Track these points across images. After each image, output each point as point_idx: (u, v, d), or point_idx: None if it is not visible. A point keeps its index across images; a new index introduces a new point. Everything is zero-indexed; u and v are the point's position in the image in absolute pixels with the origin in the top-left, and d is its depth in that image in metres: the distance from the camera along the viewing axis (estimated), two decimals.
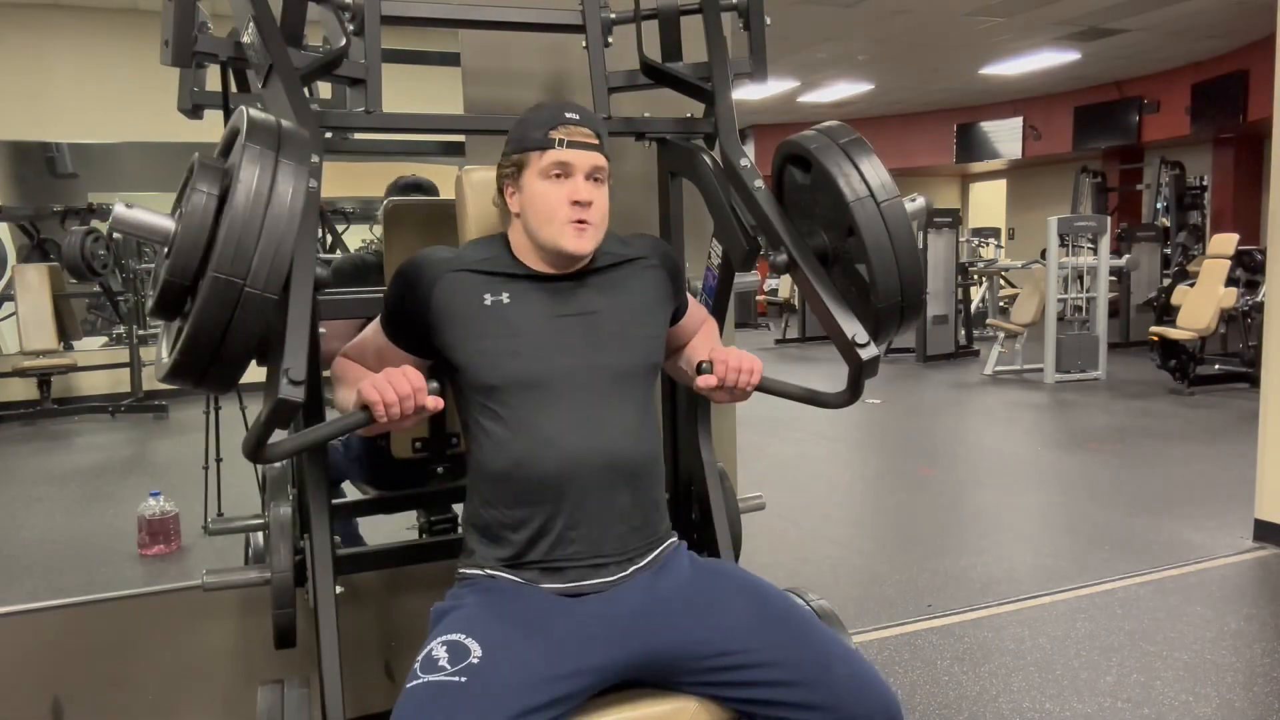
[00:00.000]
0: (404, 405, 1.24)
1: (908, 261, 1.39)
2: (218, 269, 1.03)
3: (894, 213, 1.38)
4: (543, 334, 1.40)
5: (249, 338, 1.07)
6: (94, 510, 4.63)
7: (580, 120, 1.42)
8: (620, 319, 1.45)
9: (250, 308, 1.05)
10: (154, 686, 2.16)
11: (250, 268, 1.04)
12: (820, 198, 1.45)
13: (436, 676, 1.22)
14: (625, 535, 1.39)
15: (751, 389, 1.43)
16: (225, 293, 1.04)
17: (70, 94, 7.25)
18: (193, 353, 1.06)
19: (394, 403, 1.24)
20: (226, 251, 1.03)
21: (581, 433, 1.37)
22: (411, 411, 1.25)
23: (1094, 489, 4.69)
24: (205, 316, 1.04)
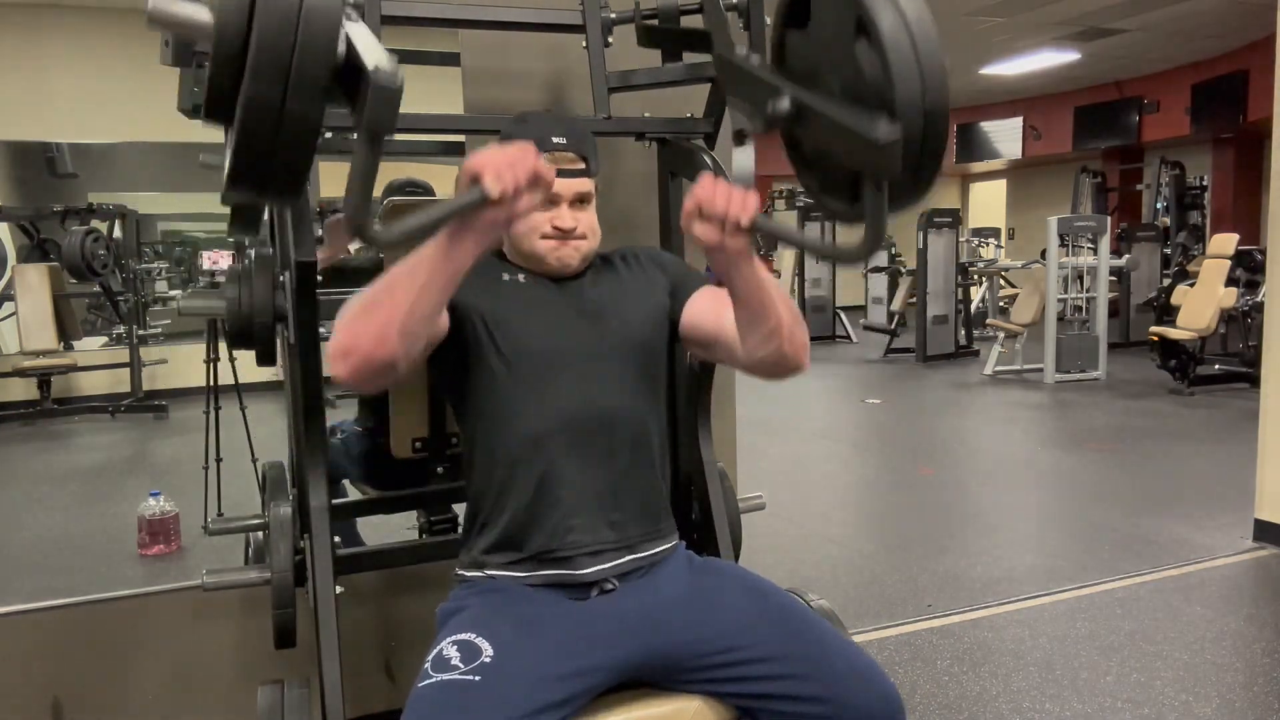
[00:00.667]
0: (517, 172, 1.08)
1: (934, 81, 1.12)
2: (258, 45, 0.91)
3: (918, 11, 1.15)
4: (550, 319, 1.42)
5: (307, 121, 0.94)
6: (94, 510, 4.63)
7: (567, 144, 1.40)
8: (619, 311, 1.46)
9: (302, 86, 0.92)
10: (154, 686, 2.16)
11: (295, 39, 0.91)
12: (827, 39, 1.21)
13: (450, 675, 1.22)
14: (622, 523, 1.39)
15: (745, 222, 1.16)
16: (272, 70, 0.91)
17: (70, 94, 7.25)
18: (248, 148, 0.94)
19: (507, 168, 1.08)
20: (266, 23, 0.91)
21: (582, 417, 1.38)
22: (525, 181, 1.09)
23: (1094, 489, 4.69)
24: (254, 100, 0.92)
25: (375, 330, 1.16)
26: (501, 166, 1.08)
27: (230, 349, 3.27)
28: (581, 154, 1.43)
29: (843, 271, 11.92)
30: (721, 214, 1.15)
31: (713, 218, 1.16)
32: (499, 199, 1.08)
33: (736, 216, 1.15)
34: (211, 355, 3.94)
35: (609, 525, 1.38)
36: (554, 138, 1.40)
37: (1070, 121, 12.34)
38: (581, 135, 1.45)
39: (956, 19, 8.36)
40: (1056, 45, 9.60)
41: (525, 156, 1.10)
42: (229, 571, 1.67)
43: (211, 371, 3.93)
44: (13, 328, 7.00)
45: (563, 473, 1.37)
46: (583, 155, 1.43)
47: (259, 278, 1.57)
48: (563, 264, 1.44)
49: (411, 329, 1.18)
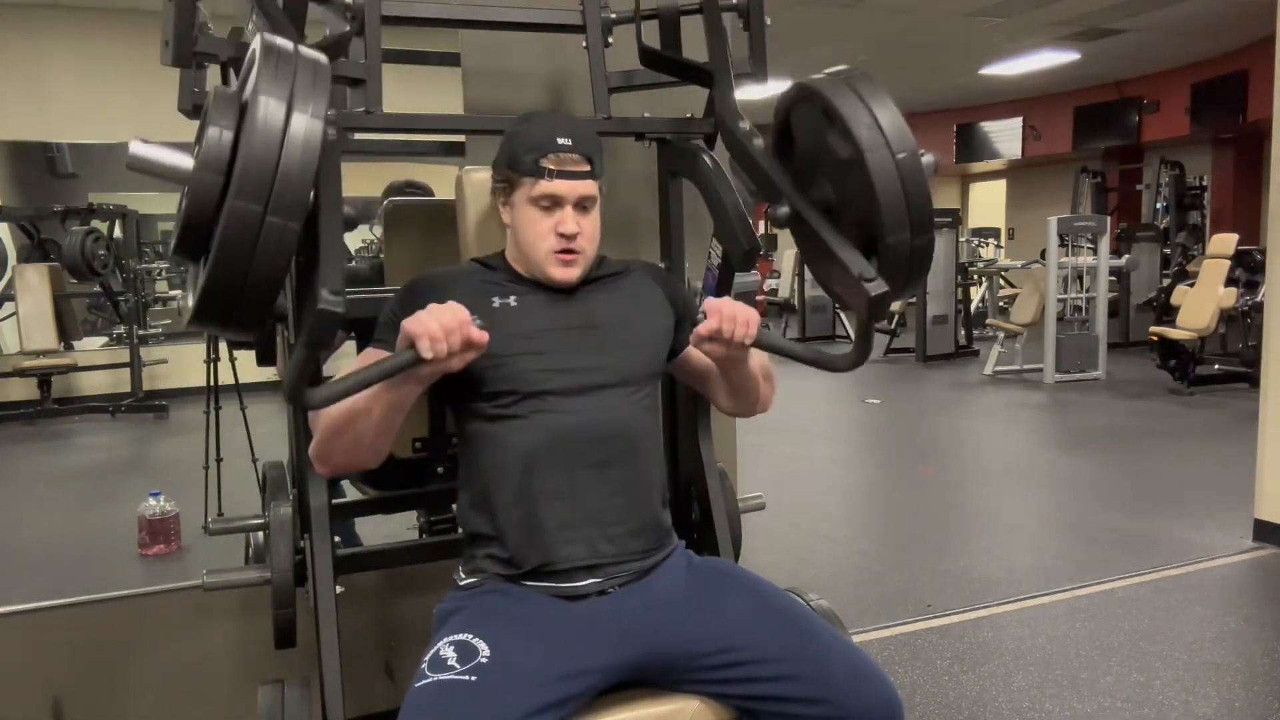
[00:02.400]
0: (450, 340, 1.18)
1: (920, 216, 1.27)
2: (237, 197, 0.96)
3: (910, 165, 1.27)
4: (547, 338, 1.41)
5: (275, 270, 1.00)
6: (94, 510, 4.63)
7: (572, 146, 1.40)
8: (618, 327, 1.46)
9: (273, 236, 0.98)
10: (154, 686, 2.16)
11: (270, 194, 0.97)
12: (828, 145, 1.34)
13: (446, 675, 1.22)
14: (621, 538, 1.38)
15: (749, 342, 1.34)
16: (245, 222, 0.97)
17: (70, 94, 7.25)
18: (216, 289, 1.00)
19: (440, 337, 1.17)
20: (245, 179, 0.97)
21: (580, 434, 1.38)
22: (459, 347, 1.19)
23: (1094, 489, 4.69)
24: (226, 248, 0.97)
25: (344, 450, 1.33)
26: (436, 334, 1.17)
27: (230, 349, 3.28)
28: (586, 156, 1.42)
29: None
30: (728, 339, 1.33)
31: (721, 341, 1.33)
32: (432, 361, 1.18)
33: (742, 338, 1.33)
34: (211, 355, 3.94)
35: (607, 540, 1.37)
36: (559, 138, 1.39)
37: (1070, 121, 12.33)
38: (587, 137, 1.44)
39: (956, 19, 8.36)
40: (1056, 45, 9.60)
41: (459, 326, 1.19)
42: (229, 571, 1.67)
43: (211, 371, 3.93)
44: (13, 328, 7.00)
45: (559, 488, 1.36)
46: (587, 157, 1.42)
47: None
48: (564, 280, 1.44)
49: (376, 445, 1.33)
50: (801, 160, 1.44)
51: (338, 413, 1.28)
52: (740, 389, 1.51)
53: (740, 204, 1.56)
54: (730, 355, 1.36)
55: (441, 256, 1.84)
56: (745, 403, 1.55)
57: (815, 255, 1.38)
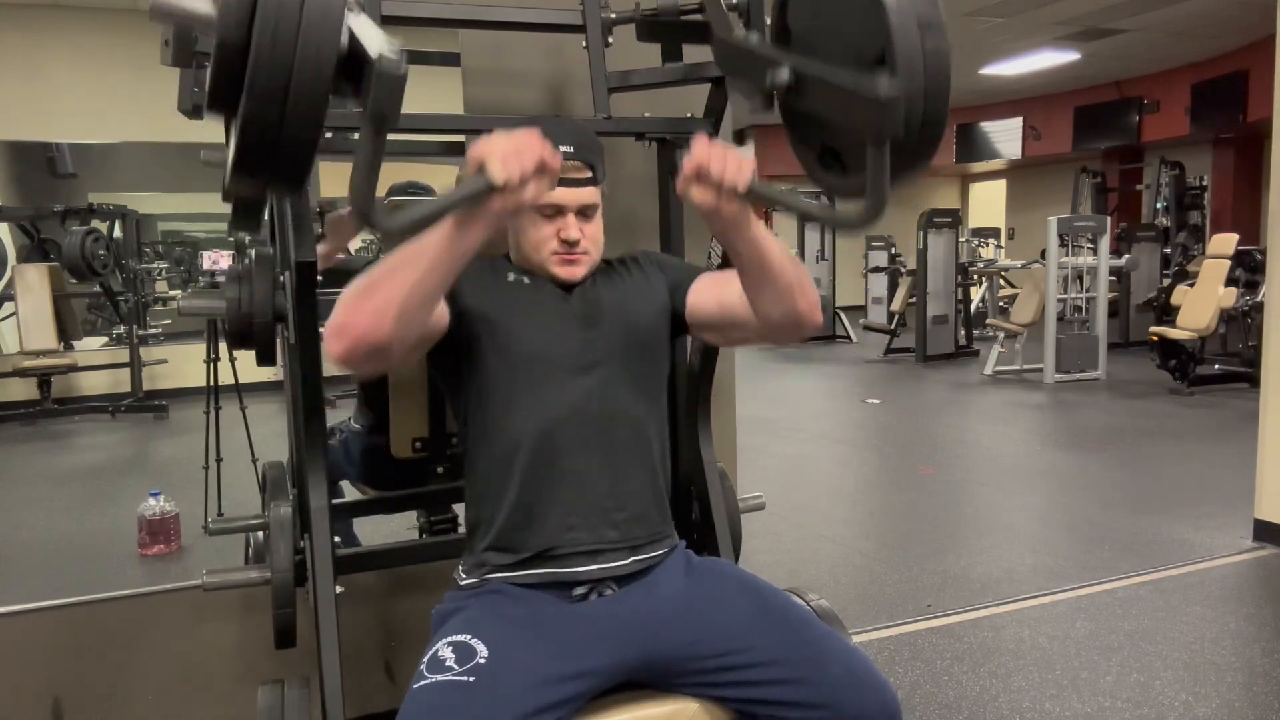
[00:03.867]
0: (524, 160, 1.07)
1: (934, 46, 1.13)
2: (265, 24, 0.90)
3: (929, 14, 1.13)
4: (552, 321, 1.42)
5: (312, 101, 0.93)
6: (94, 510, 4.63)
7: (574, 153, 1.39)
8: (620, 314, 1.46)
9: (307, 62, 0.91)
10: (154, 686, 2.16)
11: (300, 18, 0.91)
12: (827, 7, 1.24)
13: (444, 676, 1.22)
14: (625, 523, 1.38)
15: (741, 187, 1.15)
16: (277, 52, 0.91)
17: (70, 94, 7.25)
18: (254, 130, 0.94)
19: (513, 156, 1.06)
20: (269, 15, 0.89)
21: (584, 417, 1.38)
22: (531, 168, 1.08)
23: (1094, 489, 4.69)
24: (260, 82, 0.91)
25: (373, 310, 1.16)
26: (507, 154, 1.07)
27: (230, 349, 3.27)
28: (589, 163, 1.41)
29: (843, 272, 11.93)
30: (718, 178, 1.14)
31: (709, 182, 1.14)
32: (504, 186, 1.07)
33: (733, 181, 1.14)
34: (211, 355, 3.94)
35: (611, 525, 1.37)
36: (561, 146, 1.36)
37: (1070, 121, 12.33)
38: (589, 143, 1.43)
39: (956, 19, 8.36)
40: (1056, 45, 9.60)
41: (531, 144, 1.09)
42: (229, 571, 1.67)
43: (211, 371, 3.93)
44: (13, 328, 7.00)
45: (563, 472, 1.37)
46: (589, 164, 1.41)
47: (259, 277, 1.57)
48: (568, 280, 1.44)
49: (409, 313, 1.17)
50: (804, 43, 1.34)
51: (378, 268, 1.18)
52: (762, 275, 1.28)
53: None
54: (722, 210, 1.17)
55: None
56: (781, 299, 1.30)
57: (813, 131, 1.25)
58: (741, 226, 1.21)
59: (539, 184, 1.10)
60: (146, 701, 2.15)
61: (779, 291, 1.29)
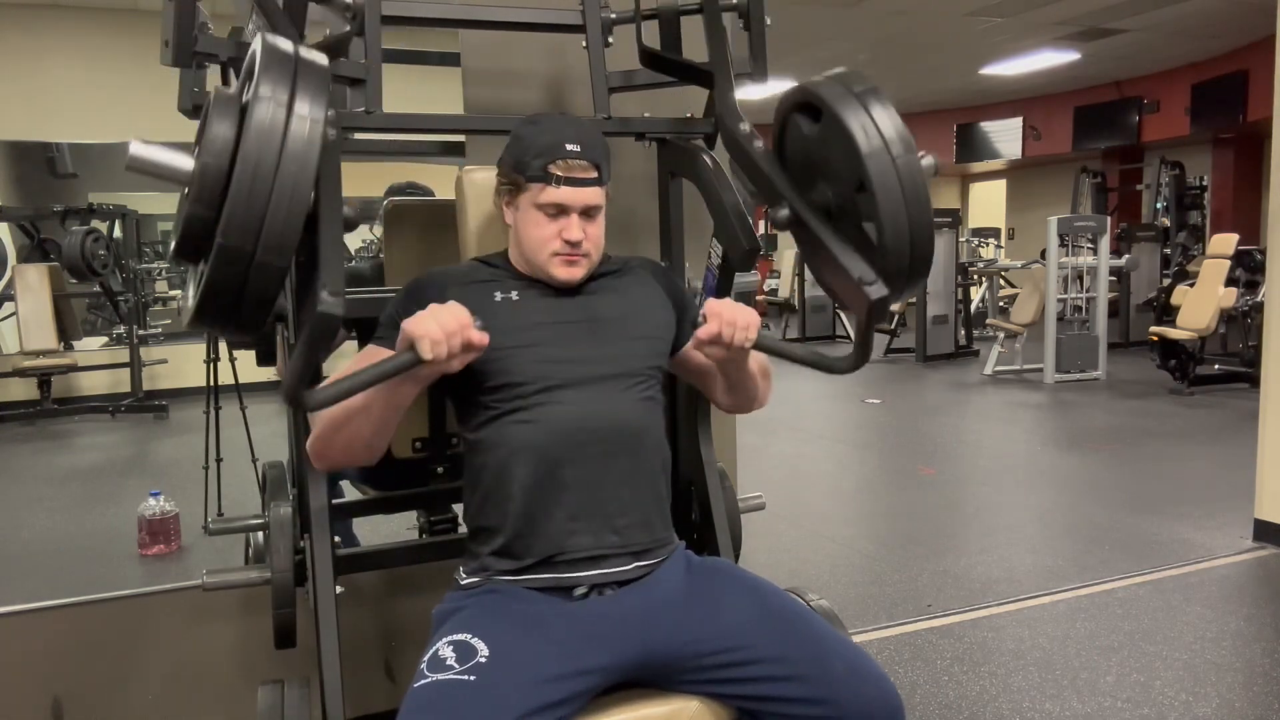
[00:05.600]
0: (451, 342, 1.18)
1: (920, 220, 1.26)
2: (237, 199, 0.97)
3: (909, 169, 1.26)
4: (548, 333, 1.42)
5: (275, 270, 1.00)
6: (94, 510, 4.63)
7: (580, 152, 1.39)
8: (621, 321, 1.46)
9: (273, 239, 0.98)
10: (154, 686, 2.16)
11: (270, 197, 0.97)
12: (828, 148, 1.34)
13: (445, 675, 1.22)
14: (628, 529, 1.38)
15: (749, 345, 1.35)
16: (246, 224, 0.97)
17: (70, 94, 7.26)
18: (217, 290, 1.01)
19: (441, 339, 1.17)
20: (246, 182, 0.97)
21: (585, 425, 1.38)
22: (459, 349, 1.20)
23: (1094, 489, 4.69)
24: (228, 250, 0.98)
25: (341, 447, 1.34)
26: (436, 336, 1.18)
27: (230, 349, 3.27)
28: (594, 163, 1.41)
29: None
30: (728, 343, 1.33)
31: (720, 343, 1.33)
32: (432, 362, 1.19)
33: (742, 341, 1.34)
34: (211, 355, 3.94)
35: (613, 531, 1.37)
36: (567, 144, 1.39)
37: (1070, 121, 12.33)
38: (595, 143, 1.43)
39: (956, 19, 8.36)
40: (1056, 45, 9.60)
41: (460, 327, 1.19)
42: (229, 571, 1.67)
43: (211, 371, 3.93)
44: (13, 328, 7.00)
45: (565, 480, 1.36)
46: (595, 164, 1.41)
47: None
48: (567, 281, 1.44)
49: (373, 444, 1.34)
50: (802, 163, 1.43)
51: (337, 410, 1.28)
52: (739, 387, 1.52)
53: (740, 204, 1.56)
54: (730, 358, 1.37)
55: (441, 256, 1.84)
56: (743, 400, 1.56)
57: (815, 257, 1.38)
58: (739, 364, 1.44)
59: (464, 359, 1.23)
60: (146, 701, 2.15)
61: (743, 399, 1.56)
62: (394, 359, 1.19)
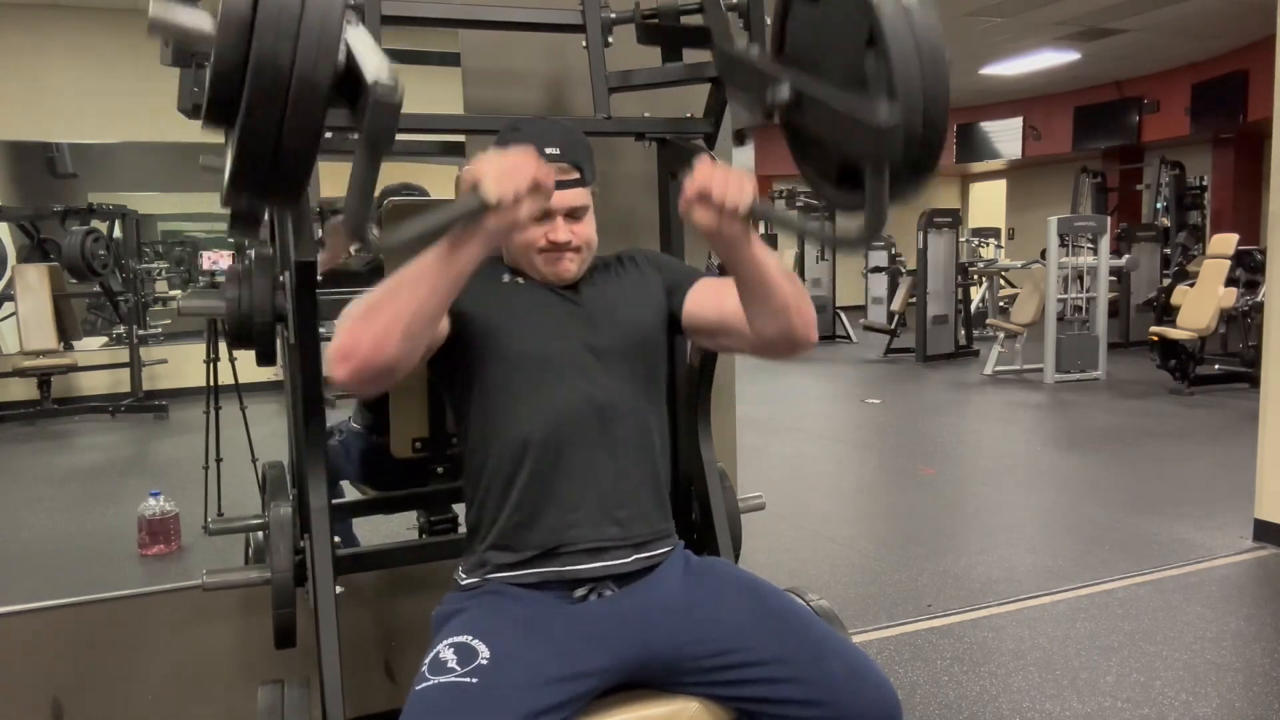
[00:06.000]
0: (518, 180, 1.09)
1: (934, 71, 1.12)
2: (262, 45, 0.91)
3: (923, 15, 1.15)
4: (548, 320, 1.43)
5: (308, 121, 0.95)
6: (94, 510, 4.63)
7: (560, 155, 1.37)
8: (617, 313, 1.46)
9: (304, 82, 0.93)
10: (154, 686, 2.16)
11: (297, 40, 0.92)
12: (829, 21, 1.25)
13: (446, 678, 1.22)
14: (628, 520, 1.38)
15: (743, 208, 1.17)
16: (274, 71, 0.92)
17: (70, 94, 7.25)
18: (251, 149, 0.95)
19: (509, 175, 1.08)
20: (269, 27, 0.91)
21: (583, 416, 1.38)
22: (525, 188, 1.10)
23: (1094, 489, 4.69)
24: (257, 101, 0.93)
25: (376, 334, 1.17)
26: (501, 173, 1.09)
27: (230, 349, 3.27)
28: (576, 164, 1.40)
29: (843, 272, 11.93)
30: (720, 200, 1.16)
31: (711, 204, 1.16)
32: (498, 206, 1.09)
33: (735, 203, 1.16)
34: (211, 355, 3.94)
35: (613, 522, 1.37)
36: (546, 149, 1.36)
37: (1070, 121, 12.33)
38: (576, 145, 1.42)
39: (956, 19, 8.36)
40: (1056, 45, 9.60)
41: (525, 163, 1.11)
42: (229, 571, 1.67)
43: (211, 371, 3.93)
44: (13, 328, 6.99)
45: (563, 470, 1.37)
46: (577, 166, 1.41)
47: (259, 278, 1.57)
48: (559, 278, 1.44)
49: (413, 334, 1.19)
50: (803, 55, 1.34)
51: (377, 291, 1.19)
52: (761, 294, 1.29)
53: None
54: (724, 232, 1.19)
55: None
56: (778, 317, 1.31)
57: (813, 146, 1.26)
58: (742, 246, 1.23)
59: (533, 202, 1.12)
60: (146, 701, 2.15)
61: (775, 310, 1.30)
62: (458, 205, 1.09)
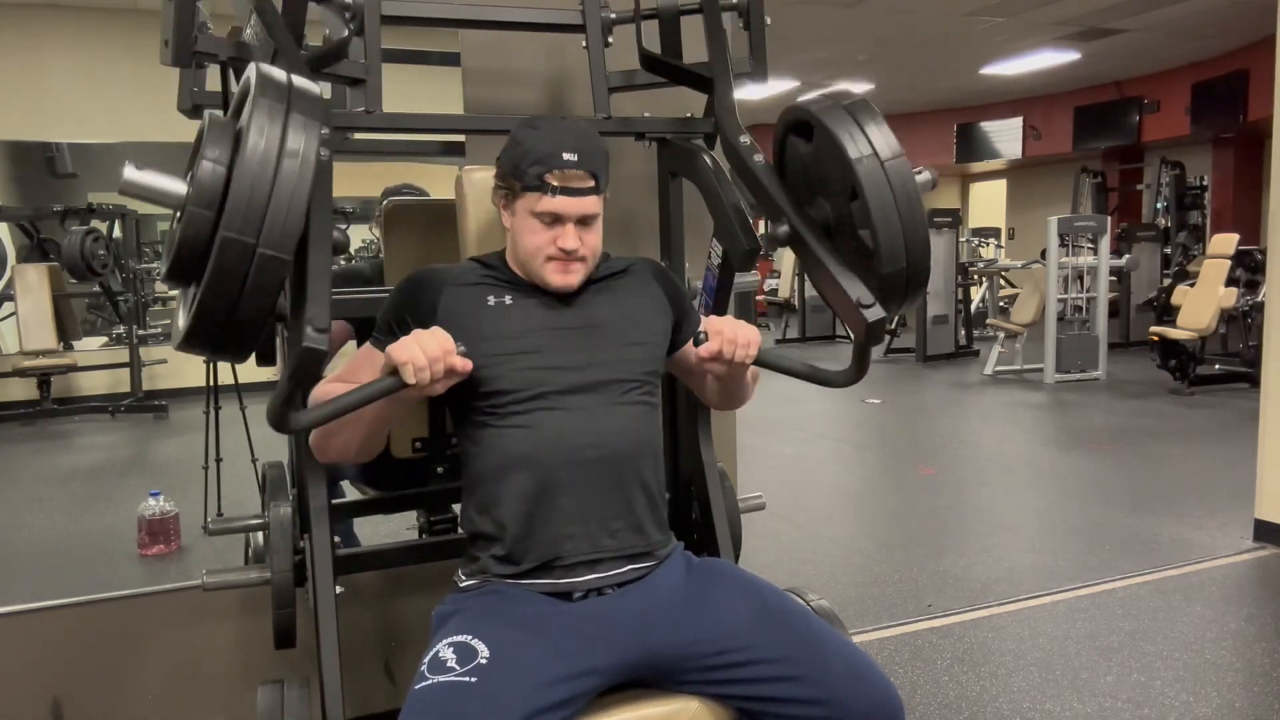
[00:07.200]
0: (434, 368, 1.21)
1: (913, 224, 1.31)
2: (228, 229, 0.99)
3: (898, 172, 1.30)
4: (542, 339, 1.41)
5: (264, 300, 1.03)
6: (94, 510, 4.63)
7: (578, 162, 1.37)
8: (617, 327, 1.46)
9: (264, 268, 1.01)
10: (154, 686, 2.16)
11: (262, 227, 1.00)
12: (823, 163, 1.38)
13: (446, 677, 1.22)
14: (623, 532, 1.38)
15: (750, 361, 1.38)
16: (237, 254, 1.00)
17: (70, 94, 7.25)
18: (206, 317, 1.03)
19: (424, 365, 1.20)
20: (236, 212, 1.00)
21: (579, 431, 1.37)
22: (441, 375, 1.23)
23: (1094, 489, 4.69)
24: (218, 279, 1.00)
25: (337, 451, 1.41)
26: (420, 362, 1.20)
27: None
28: (592, 172, 1.39)
29: None
30: (730, 358, 1.36)
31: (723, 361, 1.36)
32: (416, 386, 1.22)
33: (744, 358, 1.37)
34: None
35: (608, 534, 1.37)
36: (565, 154, 1.36)
37: (1070, 121, 12.33)
38: (594, 152, 1.41)
39: (956, 19, 8.36)
40: (1056, 45, 9.60)
41: (443, 354, 1.22)
42: (229, 571, 1.67)
43: (211, 371, 3.93)
44: (13, 328, 6.99)
45: (560, 484, 1.36)
46: (593, 173, 1.39)
47: None
48: (564, 288, 1.43)
49: (366, 449, 1.40)
50: (800, 181, 1.46)
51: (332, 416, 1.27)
52: (732, 393, 1.58)
53: (740, 203, 1.56)
54: (732, 375, 1.43)
55: (441, 255, 1.84)
56: (734, 400, 1.63)
57: (815, 272, 1.43)
58: (739, 377, 1.49)
59: (447, 383, 1.25)
60: (146, 701, 2.15)
61: (733, 398, 1.61)
62: (378, 383, 1.23)
